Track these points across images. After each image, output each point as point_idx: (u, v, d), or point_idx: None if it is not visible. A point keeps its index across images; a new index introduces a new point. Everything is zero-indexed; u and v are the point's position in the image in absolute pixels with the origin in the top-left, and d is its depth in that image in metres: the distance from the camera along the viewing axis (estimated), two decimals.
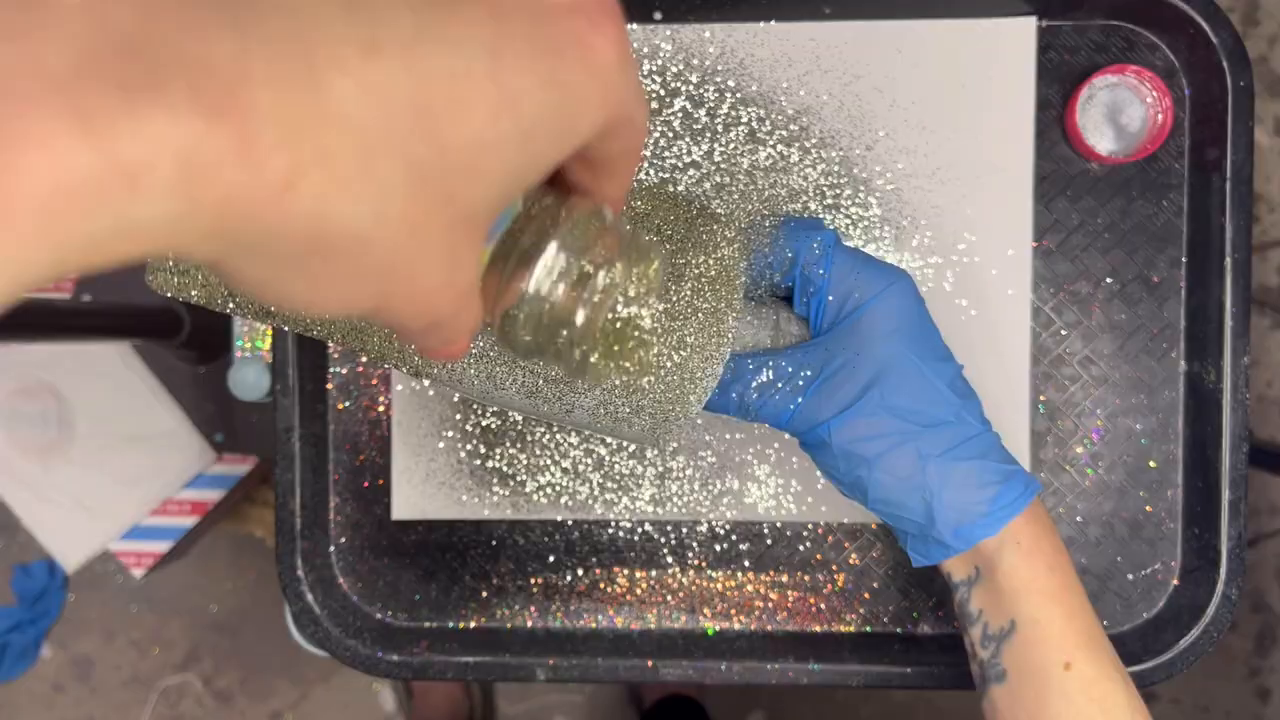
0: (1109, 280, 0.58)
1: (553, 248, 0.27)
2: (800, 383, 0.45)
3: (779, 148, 0.58)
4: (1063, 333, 0.58)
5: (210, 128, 0.17)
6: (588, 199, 0.28)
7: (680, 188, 0.57)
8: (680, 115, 0.58)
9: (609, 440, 0.59)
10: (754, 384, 0.45)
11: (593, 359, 0.30)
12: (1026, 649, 0.44)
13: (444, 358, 0.27)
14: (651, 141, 0.57)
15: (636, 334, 0.30)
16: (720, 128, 0.58)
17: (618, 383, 0.40)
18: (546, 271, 0.27)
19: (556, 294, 0.27)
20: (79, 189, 0.16)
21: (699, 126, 0.58)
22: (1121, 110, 0.56)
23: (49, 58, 0.16)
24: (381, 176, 0.19)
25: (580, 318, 0.28)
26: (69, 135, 0.15)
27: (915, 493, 0.44)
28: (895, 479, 0.44)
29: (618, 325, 0.29)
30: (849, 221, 0.58)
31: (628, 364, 0.31)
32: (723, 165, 0.57)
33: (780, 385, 0.45)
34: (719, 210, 0.46)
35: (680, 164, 0.57)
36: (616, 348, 0.30)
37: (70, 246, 0.16)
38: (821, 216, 0.58)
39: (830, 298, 0.45)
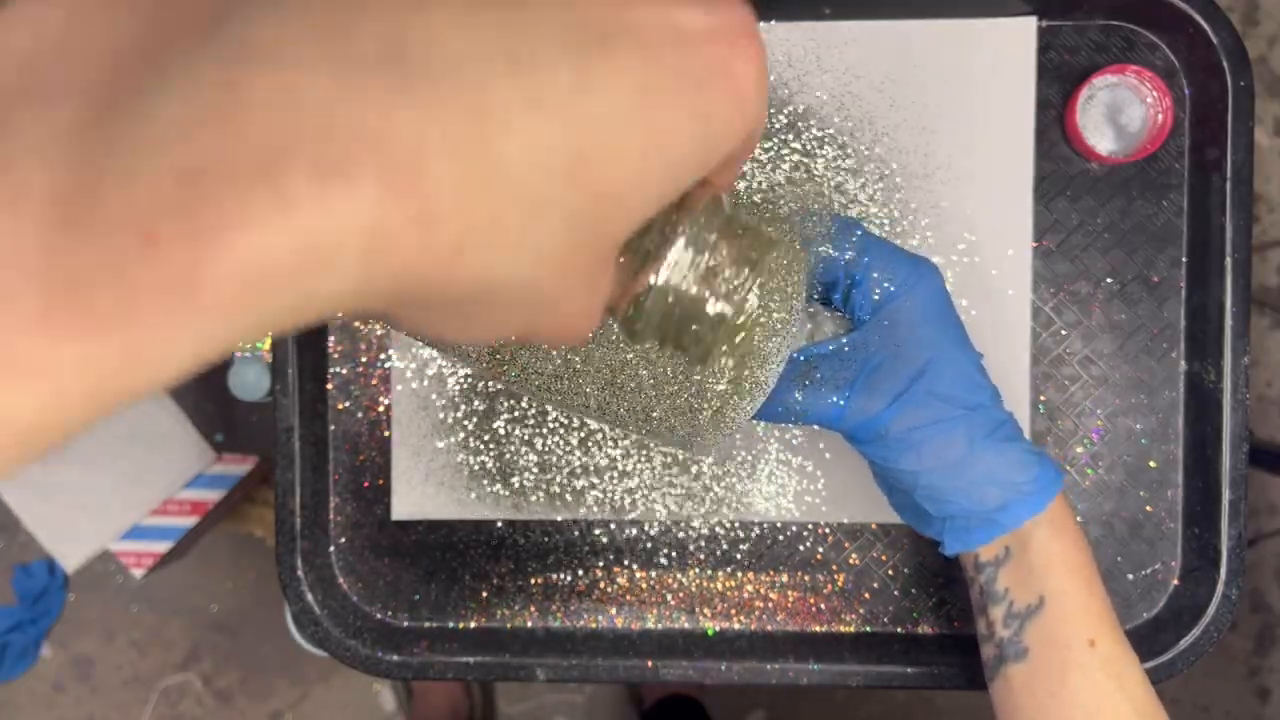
0: (1109, 280, 0.58)
1: (681, 242, 0.27)
2: (843, 379, 0.45)
3: (778, 148, 0.58)
4: (1063, 333, 0.58)
5: (395, 203, 0.17)
6: (706, 188, 0.28)
7: None
8: None
9: (610, 441, 0.59)
10: (797, 385, 0.45)
11: (720, 348, 0.30)
12: (1052, 625, 0.45)
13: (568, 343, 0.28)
14: None
15: (761, 323, 0.30)
16: None
17: (732, 372, 0.39)
18: (675, 265, 0.27)
19: (685, 286, 0.27)
20: (275, 271, 0.16)
21: None
22: (1121, 110, 0.56)
23: (251, 138, 0.16)
24: (541, 231, 0.20)
25: (711, 310, 0.28)
26: (268, 218, 0.16)
27: (967, 475, 0.45)
28: (948, 463, 0.45)
29: (742, 316, 0.29)
30: None
31: (748, 354, 0.31)
32: None
33: (824, 384, 0.45)
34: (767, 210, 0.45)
35: None
36: (740, 338, 0.30)
37: (253, 324, 0.17)
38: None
39: (869, 290, 0.45)
